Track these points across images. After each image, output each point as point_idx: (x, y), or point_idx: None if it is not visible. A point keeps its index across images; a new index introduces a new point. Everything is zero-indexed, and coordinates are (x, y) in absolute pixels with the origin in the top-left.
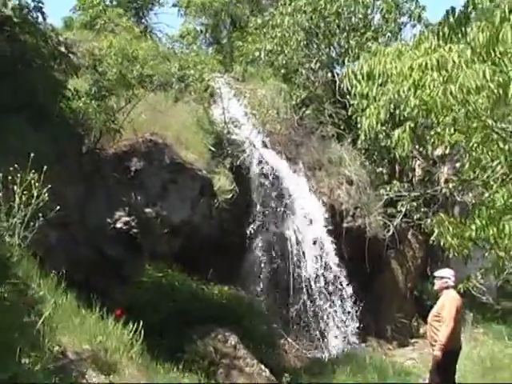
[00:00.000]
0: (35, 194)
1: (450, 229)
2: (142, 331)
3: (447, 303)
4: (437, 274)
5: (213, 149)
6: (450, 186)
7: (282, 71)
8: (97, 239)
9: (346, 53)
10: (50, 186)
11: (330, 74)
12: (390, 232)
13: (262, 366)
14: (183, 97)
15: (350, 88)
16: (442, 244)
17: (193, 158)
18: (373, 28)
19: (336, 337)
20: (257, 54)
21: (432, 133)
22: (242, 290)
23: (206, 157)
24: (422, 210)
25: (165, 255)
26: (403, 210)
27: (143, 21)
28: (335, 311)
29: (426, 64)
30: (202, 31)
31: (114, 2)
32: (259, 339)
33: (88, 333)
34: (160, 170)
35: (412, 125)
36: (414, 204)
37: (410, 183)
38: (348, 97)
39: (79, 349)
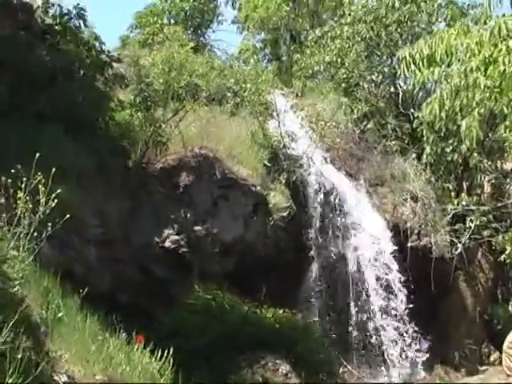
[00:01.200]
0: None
1: None
2: (171, 359)
3: None
4: None
5: (268, 164)
6: None
7: (343, 85)
8: (143, 258)
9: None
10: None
11: (392, 87)
12: (458, 250)
13: None
14: (239, 112)
15: (406, 74)
16: None
17: (246, 173)
18: None
19: (400, 364)
20: (316, 67)
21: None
22: (298, 314)
23: (260, 172)
24: (493, 225)
25: (216, 275)
26: (472, 225)
27: (201, 38)
28: (399, 336)
29: (500, 31)
30: (261, 48)
31: (172, 21)
32: (315, 367)
33: (106, 361)
34: (210, 185)
35: (482, 110)
36: (484, 219)
37: (478, 198)
38: (412, 110)
39: (91, 379)
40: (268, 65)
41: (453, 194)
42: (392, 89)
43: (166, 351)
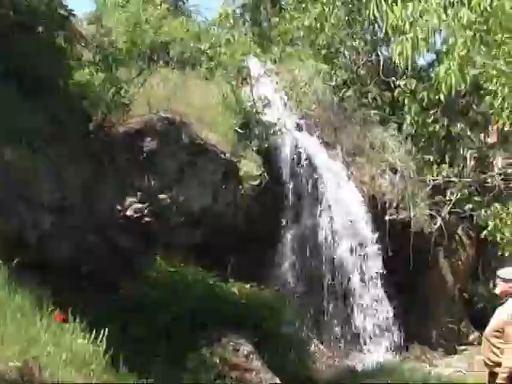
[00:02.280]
0: None
1: (509, 222)
2: (105, 340)
3: None
4: (502, 273)
5: (239, 130)
6: (510, 171)
7: (323, 52)
8: (105, 227)
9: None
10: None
11: (373, 55)
12: (438, 224)
13: (277, 380)
14: (213, 77)
15: (376, 17)
16: (498, 239)
17: (215, 139)
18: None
19: (374, 343)
20: (296, 33)
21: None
22: (268, 288)
23: (230, 138)
24: (475, 199)
25: (182, 247)
26: (453, 198)
27: (180, 3)
28: (374, 314)
29: None
30: (241, 13)
31: None
32: (282, 346)
33: (28, 343)
34: (177, 150)
35: (462, 53)
36: (466, 192)
37: (461, 170)
38: (394, 78)
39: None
40: (247, 31)
41: (434, 166)
42: (373, 56)
43: (103, 332)
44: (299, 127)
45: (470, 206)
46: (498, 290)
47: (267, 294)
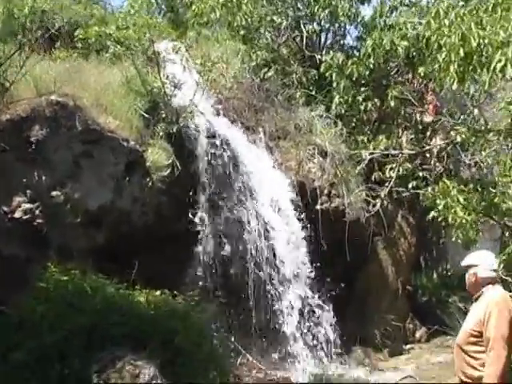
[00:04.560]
0: None
1: (461, 199)
2: None
3: (494, 313)
4: (468, 261)
5: (146, 115)
6: (458, 139)
7: (242, 32)
8: None
9: (315, 2)
10: None
11: (296, 31)
12: (376, 207)
13: None
14: (120, 62)
15: None
16: (449, 221)
17: (115, 124)
18: None
19: (310, 349)
20: (212, 14)
21: None
22: (183, 296)
23: (135, 124)
24: (420, 174)
25: (83, 252)
26: (393, 175)
27: None
28: (308, 315)
29: None
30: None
31: None
32: (201, 361)
33: None
34: (70, 140)
35: None
36: (409, 166)
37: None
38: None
39: None
40: (163, 18)
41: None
42: (296, 32)
43: None
44: (216, 111)
45: (415, 183)
46: (468, 284)
47: (181, 302)
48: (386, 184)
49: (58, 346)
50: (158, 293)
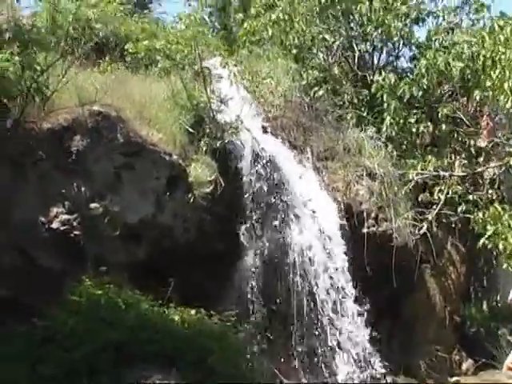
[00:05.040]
0: None
1: None
2: None
3: None
4: None
5: (191, 130)
6: None
7: (293, 51)
8: (24, 242)
9: (368, 21)
10: None
11: (348, 51)
12: (422, 230)
13: None
14: (168, 76)
15: None
16: (500, 247)
17: (158, 138)
18: None
19: (351, 379)
20: (264, 32)
21: None
22: (220, 316)
23: (179, 139)
24: (470, 198)
25: (121, 267)
26: (442, 197)
27: (146, 11)
28: (353, 343)
29: None
30: (209, 17)
31: None
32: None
33: None
34: (111, 151)
35: None
36: (459, 189)
37: (451, 164)
38: (370, 72)
39: None
40: (215, 37)
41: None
42: (348, 52)
43: None
44: (263, 129)
45: (464, 207)
46: None
47: (217, 322)
48: (434, 207)
49: (86, 360)
50: (193, 311)
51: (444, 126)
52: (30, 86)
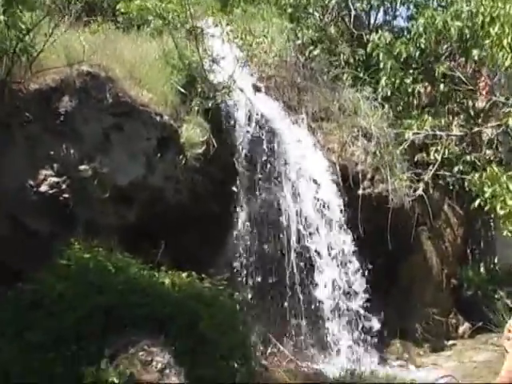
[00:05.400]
0: None
1: (511, 187)
2: None
3: None
4: None
5: (182, 90)
6: (511, 123)
7: (289, 10)
8: (12, 206)
9: None
10: None
11: (344, 10)
12: (419, 191)
13: None
14: (161, 37)
15: None
16: (497, 210)
17: (149, 98)
18: None
19: (346, 341)
20: None
21: None
22: (211, 279)
23: (170, 99)
24: (467, 158)
25: (112, 230)
26: (438, 158)
27: None
28: (347, 307)
29: None
30: None
31: None
32: (225, 350)
33: None
34: (99, 112)
35: None
36: (456, 149)
37: (449, 123)
38: (367, 31)
39: None
40: None
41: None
42: (344, 11)
43: None
44: (257, 88)
45: (461, 167)
46: None
47: (209, 285)
48: (431, 167)
49: (75, 326)
50: (184, 275)
51: (442, 86)
52: (16, 45)
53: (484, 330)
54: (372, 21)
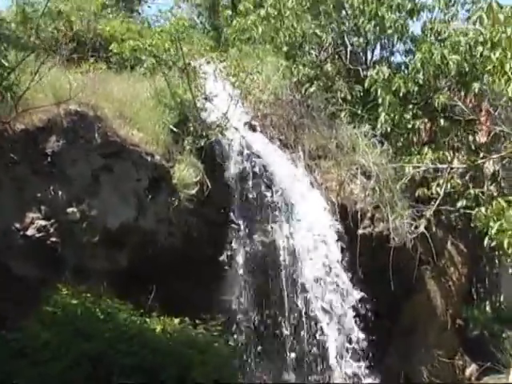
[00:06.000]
0: None
1: None
2: None
3: None
4: None
5: (174, 129)
6: None
7: (284, 49)
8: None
9: (361, 14)
10: None
11: (340, 46)
12: (420, 229)
13: None
14: (154, 76)
15: None
16: (505, 245)
17: (139, 137)
18: None
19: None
20: (254, 32)
21: None
22: (206, 325)
23: (163, 139)
24: (471, 192)
25: (102, 274)
26: (441, 192)
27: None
28: (347, 350)
29: None
30: (198, 17)
31: None
32: None
33: None
34: (88, 153)
35: None
36: (459, 182)
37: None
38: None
39: None
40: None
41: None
42: (340, 48)
43: None
44: (252, 127)
45: (464, 202)
46: None
47: (203, 331)
48: (433, 203)
49: (60, 375)
50: (176, 321)
51: (442, 121)
52: (0, 83)
53: (492, 371)
54: (369, 56)
